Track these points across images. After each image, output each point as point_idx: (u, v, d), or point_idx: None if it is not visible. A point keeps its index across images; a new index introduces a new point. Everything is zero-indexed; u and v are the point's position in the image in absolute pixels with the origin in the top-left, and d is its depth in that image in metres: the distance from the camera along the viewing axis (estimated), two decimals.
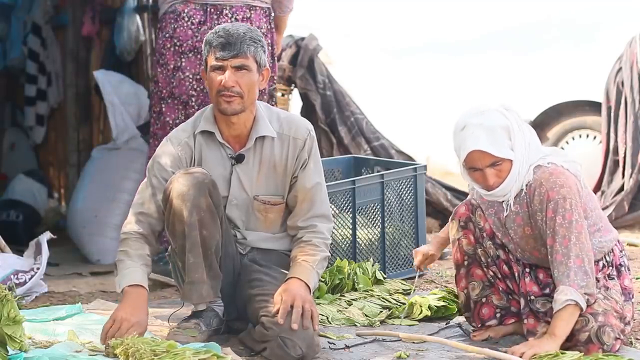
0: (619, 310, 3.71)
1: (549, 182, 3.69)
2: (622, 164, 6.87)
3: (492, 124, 3.67)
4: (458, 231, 3.95)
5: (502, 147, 3.67)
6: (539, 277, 3.85)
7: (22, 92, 8.40)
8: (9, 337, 3.29)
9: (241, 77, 3.79)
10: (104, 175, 6.81)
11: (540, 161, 3.75)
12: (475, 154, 3.67)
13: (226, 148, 3.91)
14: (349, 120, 7.32)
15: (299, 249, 3.89)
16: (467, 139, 3.68)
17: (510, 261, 3.89)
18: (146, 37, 7.22)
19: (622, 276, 3.85)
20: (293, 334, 3.60)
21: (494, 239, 3.90)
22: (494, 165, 3.69)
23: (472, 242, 3.93)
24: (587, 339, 3.59)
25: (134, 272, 3.75)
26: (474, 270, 3.95)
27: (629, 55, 6.94)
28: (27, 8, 8.21)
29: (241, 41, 3.77)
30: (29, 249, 5.12)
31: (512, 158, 3.68)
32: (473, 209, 3.93)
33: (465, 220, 3.93)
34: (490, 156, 3.67)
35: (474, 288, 3.95)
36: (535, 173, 3.73)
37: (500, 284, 3.93)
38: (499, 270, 3.91)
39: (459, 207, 3.97)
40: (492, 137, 3.65)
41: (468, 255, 3.95)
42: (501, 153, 3.66)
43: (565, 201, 3.65)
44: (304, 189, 3.92)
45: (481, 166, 3.70)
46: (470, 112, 3.73)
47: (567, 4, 10.74)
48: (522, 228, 3.80)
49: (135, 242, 3.82)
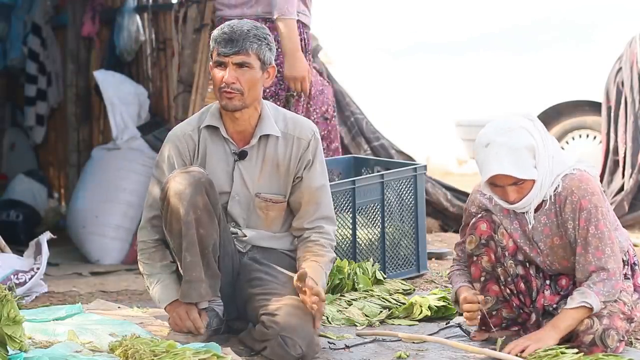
0: (627, 312, 3.70)
1: (580, 190, 3.65)
2: (622, 164, 6.87)
3: (517, 145, 3.60)
4: (479, 248, 3.86)
5: (525, 168, 3.61)
6: (560, 284, 3.82)
7: (22, 92, 8.40)
8: (9, 337, 3.29)
9: (242, 74, 3.79)
10: (104, 175, 6.81)
11: (565, 170, 3.71)
12: (498, 175, 3.63)
13: (230, 144, 3.92)
14: (349, 120, 7.32)
15: (307, 249, 3.89)
16: (490, 159, 3.61)
17: (529, 276, 3.84)
18: (146, 37, 7.22)
19: (635, 275, 3.84)
20: (293, 333, 3.60)
21: (515, 257, 3.83)
22: (516, 184, 3.65)
23: (493, 260, 3.86)
24: (592, 342, 3.58)
25: (169, 287, 3.89)
26: (490, 286, 3.89)
27: (629, 55, 6.94)
28: (27, 8, 8.21)
29: (244, 38, 3.77)
30: (29, 249, 5.12)
31: (535, 178, 3.64)
32: (495, 227, 3.84)
33: (487, 238, 3.85)
34: (512, 177, 3.62)
35: (487, 302, 3.88)
36: (564, 181, 3.69)
37: (514, 300, 3.89)
38: (515, 288, 3.87)
39: (480, 223, 3.86)
40: (516, 159, 3.60)
41: (487, 272, 3.89)
42: (525, 175, 3.61)
43: (597, 210, 3.63)
44: (310, 190, 3.92)
45: (503, 184, 3.66)
46: (496, 129, 3.65)
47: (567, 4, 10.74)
48: (550, 239, 3.76)
49: (155, 252, 3.93)
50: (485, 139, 3.65)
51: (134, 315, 4.32)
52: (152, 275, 3.92)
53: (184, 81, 6.28)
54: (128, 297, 4.98)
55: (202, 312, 3.84)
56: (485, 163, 3.63)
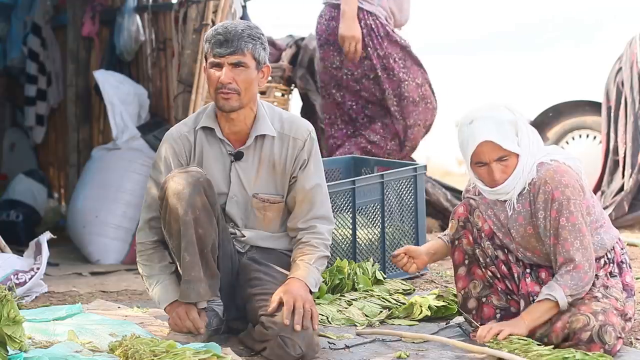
0: (619, 307, 3.72)
1: (554, 181, 3.70)
2: (622, 164, 6.87)
3: (501, 118, 3.71)
4: (458, 231, 3.96)
5: (510, 141, 3.70)
6: (540, 276, 3.85)
7: (22, 92, 8.40)
8: (9, 337, 3.29)
9: (238, 74, 3.79)
10: (104, 175, 6.81)
11: (543, 158, 3.78)
12: (484, 146, 3.70)
13: (226, 145, 3.92)
14: None
15: (298, 251, 3.90)
16: (476, 130, 3.71)
17: (510, 262, 3.89)
18: (146, 37, 7.21)
19: (623, 273, 3.86)
20: (293, 334, 3.61)
21: (492, 240, 3.90)
22: (501, 160, 3.71)
23: (471, 242, 3.94)
24: (589, 339, 3.59)
25: (168, 288, 3.89)
26: (475, 269, 3.95)
27: (629, 55, 6.93)
28: (27, 8, 8.21)
29: (238, 38, 3.78)
30: (29, 249, 5.12)
31: (519, 152, 3.71)
32: (471, 210, 3.93)
33: (464, 220, 3.94)
34: (498, 149, 3.70)
35: (475, 286, 3.95)
36: (539, 171, 3.75)
37: (499, 284, 3.93)
38: (497, 271, 3.91)
39: (458, 207, 3.98)
40: (502, 130, 3.69)
41: (468, 255, 3.95)
42: (510, 147, 3.69)
43: (570, 202, 3.67)
44: (303, 190, 3.92)
45: (488, 160, 3.72)
46: (478, 108, 3.78)
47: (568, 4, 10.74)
48: (524, 227, 3.80)
49: (154, 253, 3.94)
50: (469, 117, 3.76)
51: (134, 315, 4.32)
52: (152, 277, 3.92)
53: (184, 81, 6.27)
54: (128, 297, 4.98)
55: (202, 312, 3.84)
56: (471, 137, 3.72)
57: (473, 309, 3.96)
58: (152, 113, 7.13)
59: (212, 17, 6.08)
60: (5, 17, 8.33)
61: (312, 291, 3.83)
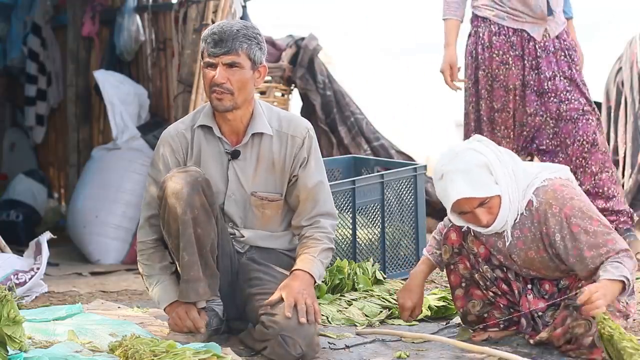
0: (622, 309, 3.70)
1: (557, 201, 3.62)
2: (622, 164, 6.87)
3: (468, 166, 3.60)
4: (452, 257, 3.89)
5: (484, 186, 3.59)
6: (543, 288, 3.81)
7: (22, 92, 8.41)
8: (8, 337, 3.29)
9: (232, 74, 3.79)
10: (104, 175, 6.82)
11: (534, 182, 3.69)
12: (460, 201, 3.61)
13: (224, 143, 3.92)
14: (349, 120, 7.33)
15: (302, 245, 3.90)
16: (447, 188, 3.61)
17: (509, 279, 3.84)
18: (146, 37, 7.22)
19: None
20: (293, 333, 3.60)
21: (489, 262, 3.84)
22: (483, 205, 3.62)
23: (469, 267, 3.88)
24: (591, 344, 3.58)
25: (168, 288, 3.88)
26: (472, 291, 3.91)
27: (629, 55, 6.94)
28: (27, 8, 8.22)
29: (233, 38, 3.77)
30: (29, 249, 5.12)
31: (498, 193, 3.61)
32: (464, 236, 3.85)
33: (458, 247, 3.87)
34: (475, 199, 3.60)
35: (474, 306, 3.90)
36: (538, 196, 3.66)
37: (500, 300, 3.88)
38: (498, 289, 3.87)
39: (450, 233, 3.88)
40: (471, 179, 3.58)
41: (465, 278, 3.91)
42: (485, 192, 3.60)
43: (583, 211, 3.60)
44: (306, 188, 3.92)
45: (470, 209, 3.64)
46: (444, 158, 3.65)
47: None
48: (524, 252, 3.74)
49: (154, 253, 3.92)
50: (438, 172, 3.65)
51: (134, 315, 4.32)
52: (152, 277, 3.92)
53: (184, 81, 6.28)
54: (128, 297, 4.98)
55: (202, 312, 3.84)
56: (445, 194, 3.63)
57: (473, 322, 3.94)
58: (152, 113, 7.14)
59: (212, 17, 6.09)
60: (5, 17, 8.34)
61: (317, 282, 3.82)
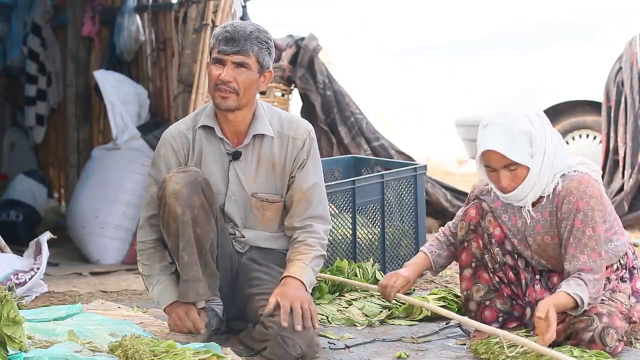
0: (624, 311, 3.71)
1: (578, 191, 3.65)
2: (622, 164, 6.88)
3: (513, 128, 3.64)
4: (468, 233, 3.92)
5: (519, 152, 3.64)
6: (552, 281, 3.82)
7: (22, 92, 8.40)
8: (8, 337, 3.29)
9: (239, 74, 3.79)
10: (104, 175, 6.81)
11: (566, 170, 3.72)
12: (491, 154, 3.66)
13: (225, 144, 3.92)
14: (349, 120, 7.32)
15: (293, 249, 3.89)
16: (486, 136, 3.67)
17: (518, 267, 3.86)
18: (146, 37, 7.21)
19: (634, 278, 3.84)
20: (293, 333, 3.60)
21: (502, 245, 3.87)
22: (509, 168, 3.66)
23: (481, 246, 3.90)
24: (591, 339, 3.59)
25: (168, 288, 3.89)
26: (481, 273, 3.92)
27: (629, 55, 6.94)
28: (27, 8, 8.21)
29: (246, 39, 3.77)
30: (29, 249, 5.12)
31: (528, 165, 3.66)
32: (483, 214, 3.89)
33: (475, 224, 3.90)
34: (504, 158, 3.64)
35: (478, 290, 3.92)
36: (564, 181, 3.70)
37: (505, 289, 3.90)
38: (505, 276, 3.89)
39: (470, 209, 3.92)
40: (511, 141, 3.63)
41: (476, 258, 3.92)
42: (516, 158, 3.64)
43: (594, 213, 3.64)
44: (301, 189, 3.92)
45: (496, 166, 3.68)
46: (498, 113, 3.72)
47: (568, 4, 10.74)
48: (541, 236, 3.77)
49: (154, 253, 3.93)
50: (486, 120, 3.72)
51: (134, 315, 4.32)
52: (152, 277, 3.92)
53: (184, 81, 6.27)
54: (128, 297, 4.98)
55: (202, 312, 3.84)
56: (481, 141, 3.70)
57: (474, 311, 3.95)
58: (152, 113, 7.13)
59: (212, 17, 6.09)
60: (5, 17, 8.33)
61: (307, 290, 3.82)
